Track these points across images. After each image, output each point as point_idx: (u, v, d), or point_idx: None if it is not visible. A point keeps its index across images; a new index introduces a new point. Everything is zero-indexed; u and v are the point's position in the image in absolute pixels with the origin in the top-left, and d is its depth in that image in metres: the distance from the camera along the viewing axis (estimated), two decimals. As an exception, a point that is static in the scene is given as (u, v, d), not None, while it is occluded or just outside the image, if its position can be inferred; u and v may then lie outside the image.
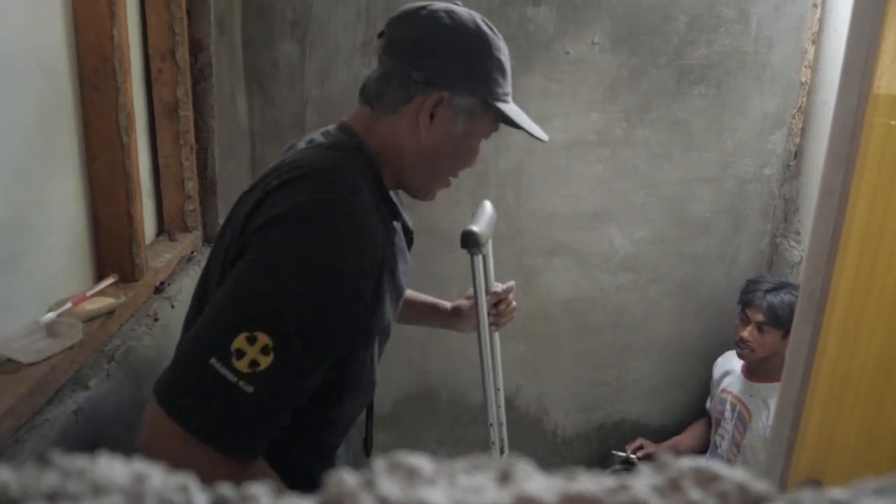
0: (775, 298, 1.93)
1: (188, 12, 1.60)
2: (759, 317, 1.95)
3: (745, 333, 1.98)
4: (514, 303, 1.54)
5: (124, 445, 1.18)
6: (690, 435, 2.33)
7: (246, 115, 1.98)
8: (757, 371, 2.03)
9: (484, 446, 1.64)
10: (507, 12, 1.97)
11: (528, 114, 1.10)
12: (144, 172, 1.61)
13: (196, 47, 1.65)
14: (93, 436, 1.10)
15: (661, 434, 2.37)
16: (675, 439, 2.33)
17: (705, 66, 2.08)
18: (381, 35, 1.03)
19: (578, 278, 2.22)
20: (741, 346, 2.00)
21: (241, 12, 1.90)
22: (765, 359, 1.99)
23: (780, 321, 1.91)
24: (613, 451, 2.31)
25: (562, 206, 2.15)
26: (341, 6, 1.91)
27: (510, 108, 1.05)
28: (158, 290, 1.49)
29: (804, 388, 1.03)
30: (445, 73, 0.98)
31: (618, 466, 2.27)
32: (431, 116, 0.99)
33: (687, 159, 2.15)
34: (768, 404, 1.94)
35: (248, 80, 1.96)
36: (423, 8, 1.00)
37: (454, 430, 2.33)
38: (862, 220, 0.99)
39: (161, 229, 1.71)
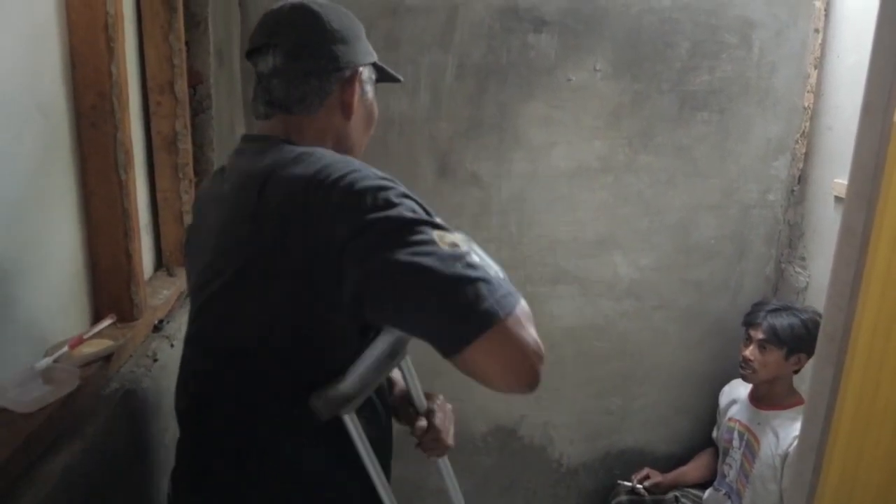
0: (776, 318, 1.93)
1: (187, 44, 1.58)
2: (760, 335, 1.95)
3: (747, 353, 1.98)
4: (447, 438, 1.19)
5: (119, 492, 1.15)
6: (697, 465, 2.29)
7: (245, 145, 1.95)
8: (763, 398, 2.00)
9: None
10: (509, 39, 1.95)
11: (531, 142, 1.18)
12: (142, 206, 1.58)
13: (195, 79, 1.62)
14: (89, 486, 1.06)
15: (668, 462, 2.33)
16: (682, 469, 2.29)
17: (708, 91, 2.07)
18: (257, 50, 1.05)
19: (583, 306, 2.19)
20: (744, 367, 1.99)
21: (241, 43, 1.87)
22: (770, 385, 1.96)
23: (780, 339, 1.91)
24: (619, 481, 2.27)
25: (565, 233, 2.12)
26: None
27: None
28: (157, 328, 1.45)
29: (826, 431, 1.00)
30: (349, 51, 1.04)
31: (623, 498, 2.23)
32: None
33: (691, 185, 2.13)
34: (777, 433, 1.91)
35: (247, 110, 1.93)
36: (286, 8, 1.03)
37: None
38: (884, 259, 0.97)
39: (160, 264, 1.67)
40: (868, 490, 1.03)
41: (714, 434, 2.25)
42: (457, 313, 0.79)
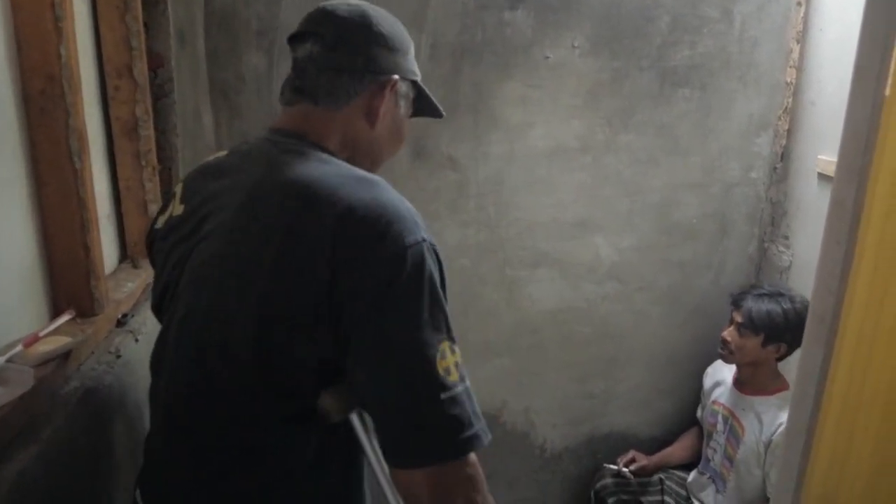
0: (757, 304, 1.90)
1: (146, 25, 1.50)
2: (739, 318, 1.93)
3: (726, 333, 1.97)
4: None
5: (80, 497, 1.09)
6: (682, 445, 2.28)
7: (212, 130, 1.88)
8: (748, 383, 1.98)
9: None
10: (483, 17, 1.89)
11: (508, 122, 1.14)
12: (103, 196, 1.51)
13: (156, 62, 1.54)
14: (46, 492, 1.00)
15: (652, 445, 2.32)
16: (667, 451, 2.28)
17: (689, 67, 2.02)
18: (299, 36, 1.02)
19: (563, 289, 2.15)
20: (721, 347, 1.99)
21: (204, 23, 1.79)
22: (753, 369, 1.94)
23: (756, 326, 1.88)
24: (605, 465, 2.25)
25: (544, 215, 2.07)
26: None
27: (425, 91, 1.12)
28: (121, 323, 1.38)
29: (815, 414, 0.97)
30: (390, 59, 1.01)
31: (608, 480, 2.21)
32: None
33: (672, 164, 2.09)
34: (761, 419, 1.89)
35: (214, 93, 1.86)
36: (341, 5, 1.02)
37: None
38: (876, 235, 0.92)
39: (124, 255, 1.60)
40: (858, 475, 1.00)
41: (699, 413, 2.24)
42: (421, 438, 0.82)
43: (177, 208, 1.04)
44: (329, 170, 0.91)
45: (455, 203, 2.01)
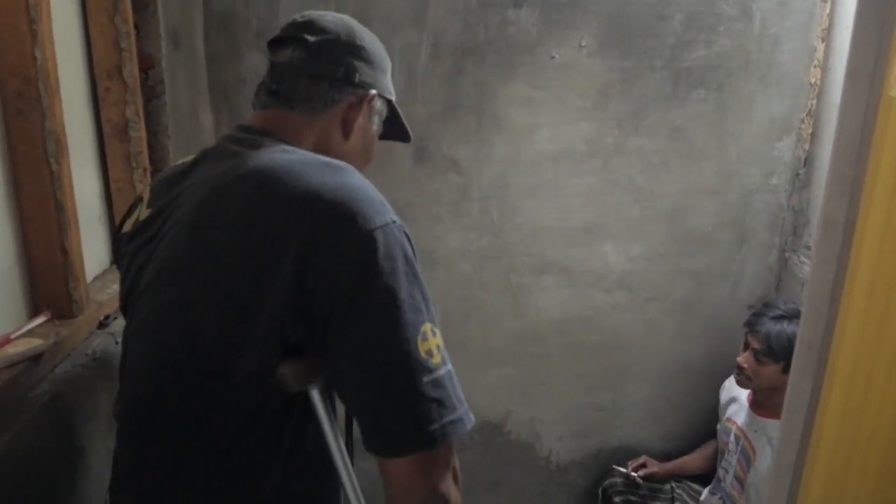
0: (775, 327, 1.78)
1: (136, 27, 1.49)
2: (756, 344, 1.81)
3: (741, 359, 1.86)
4: None
5: (47, 498, 1.08)
6: (699, 456, 2.19)
7: (212, 131, 1.87)
8: (764, 404, 1.87)
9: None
10: (486, 15, 1.83)
11: (512, 124, 1.15)
12: (95, 197, 1.51)
13: (146, 64, 1.53)
14: (11, 492, 0.99)
15: (664, 459, 2.23)
16: (683, 459, 2.20)
17: (705, 67, 1.93)
18: (280, 41, 1.02)
19: (570, 297, 2.09)
20: (738, 373, 1.87)
21: (204, 25, 1.78)
22: (770, 391, 1.84)
23: (775, 354, 1.77)
24: (614, 466, 2.19)
25: (551, 220, 2.01)
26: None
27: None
28: (103, 324, 1.38)
29: (802, 454, 0.89)
30: (370, 74, 1.02)
31: (617, 480, 2.14)
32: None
33: (686, 169, 2.01)
34: (773, 444, 1.79)
35: (214, 94, 1.84)
36: (327, 15, 1.03)
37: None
38: (871, 255, 0.84)
39: (116, 257, 1.60)
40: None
41: (718, 426, 2.14)
42: (402, 425, 0.80)
43: (143, 212, 1.03)
44: (294, 158, 0.89)
45: (458, 206, 1.96)
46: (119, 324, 1.40)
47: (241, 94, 1.85)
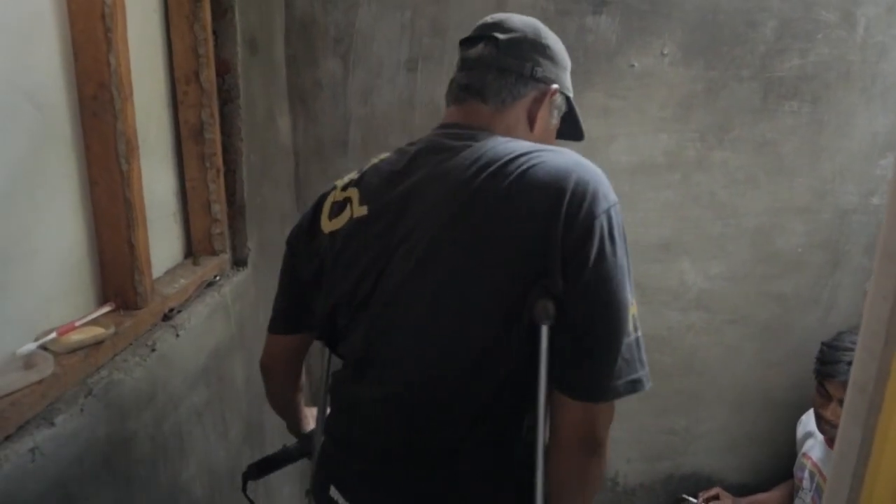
0: None
1: (214, 33, 1.56)
2: (840, 394, 1.62)
3: (829, 413, 1.66)
4: None
5: (98, 482, 1.14)
6: (778, 494, 2.04)
7: (289, 135, 1.93)
8: None
9: None
10: (564, 22, 1.79)
11: (588, 134, 1.17)
12: (171, 194, 1.59)
13: (223, 68, 1.60)
14: (56, 475, 1.05)
15: (741, 493, 2.10)
16: (759, 496, 2.06)
17: (798, 78, 1.80)
18: (472, 40, 1.09)
19: (644, 315, 1.97)
20: (825, 425, 1.68)
21: (284, 30, 1.84)
22: None
23: None
24: (683, 496, 2.07)
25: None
26: (385, 22, 1.81)
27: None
28: (167, 317, 1.45)
29: (853, 507, 0.80)
30: (553, 70, 1.07)
31: None
32: None
33: (775, 185, 1.87)
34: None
35: (292, 98, 1.90)
36: (515, 16, 1.09)
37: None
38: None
39: (190, 251, 1.68)
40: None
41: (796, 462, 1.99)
42: (603, 374, 0.89)
43: (358, 210, 1.07)
44: (524, 144, 0.98)
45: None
46: (182, 317, 1.46)
47: (319, 99, 1.90)
